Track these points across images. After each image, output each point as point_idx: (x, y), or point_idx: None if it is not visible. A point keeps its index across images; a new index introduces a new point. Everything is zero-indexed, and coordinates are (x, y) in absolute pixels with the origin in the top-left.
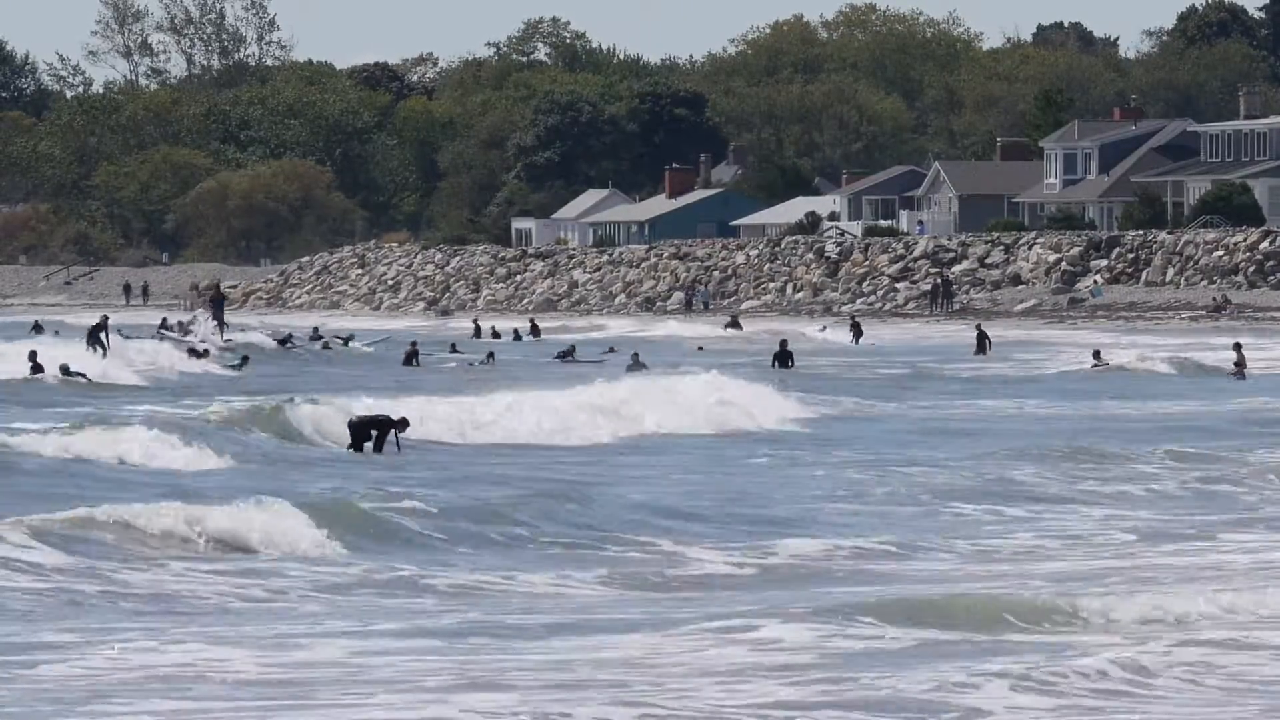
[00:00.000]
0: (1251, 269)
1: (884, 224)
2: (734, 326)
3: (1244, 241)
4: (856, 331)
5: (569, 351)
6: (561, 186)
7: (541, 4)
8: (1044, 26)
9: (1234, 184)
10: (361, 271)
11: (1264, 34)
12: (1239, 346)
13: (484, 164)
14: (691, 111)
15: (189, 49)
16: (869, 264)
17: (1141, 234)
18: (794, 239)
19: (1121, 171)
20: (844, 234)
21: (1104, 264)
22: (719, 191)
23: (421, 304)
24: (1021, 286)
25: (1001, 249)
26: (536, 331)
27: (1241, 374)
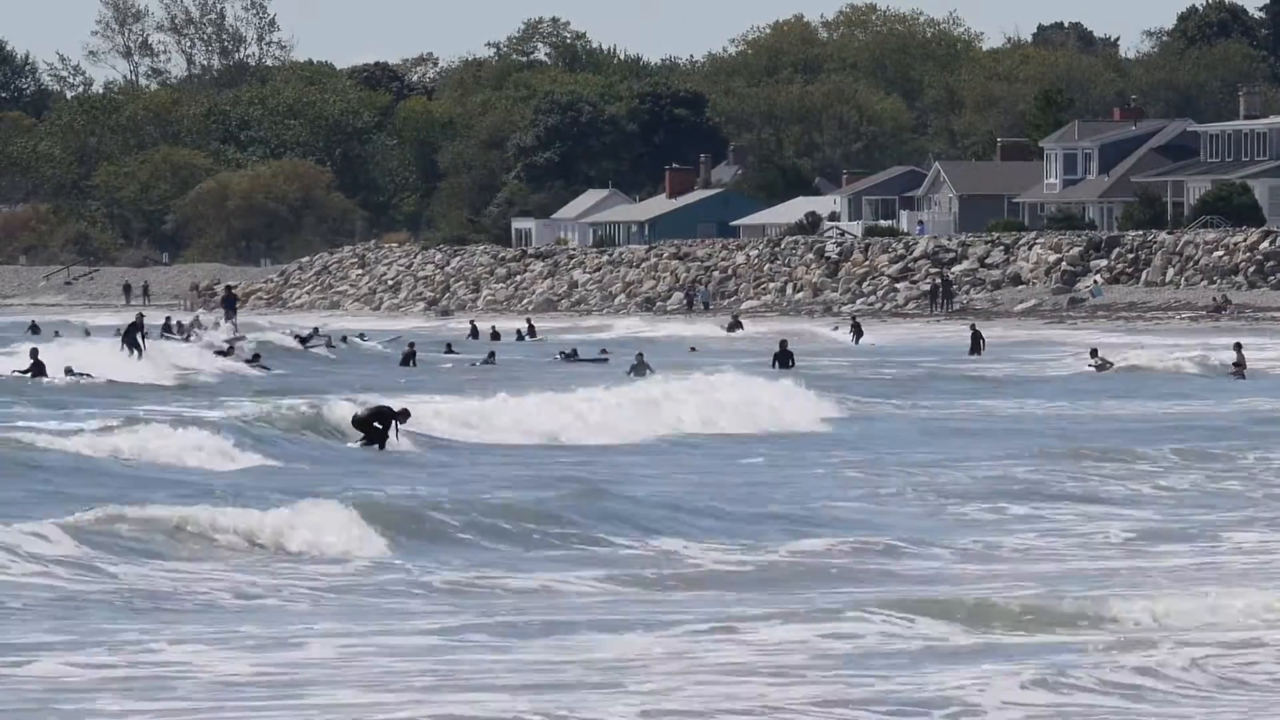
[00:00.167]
0: (1251, 269)
1: (884, 224)
2: (736, 327)
3: (1244, 242)
4: (857, 331)
5: (572, 353)
6: (561, 186)
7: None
8: (1044, 26)
9: (1234, 184)
10: (361, 272)
11: (1264, 34)
12: (1239, 346)
13: (484, 164)
14: (691, 111)
15: (189, 49)
16: (869, 264)
17: (1141, 234)
18: (794, 239)
19: (1121, 171)
20: (844, 234)
21: (1104, 264)
22: (719, 191)
23: (421, 304)
24: (1021, 287)
25: (1001, 249)
26: (533, 332)
27: (1241, 374)
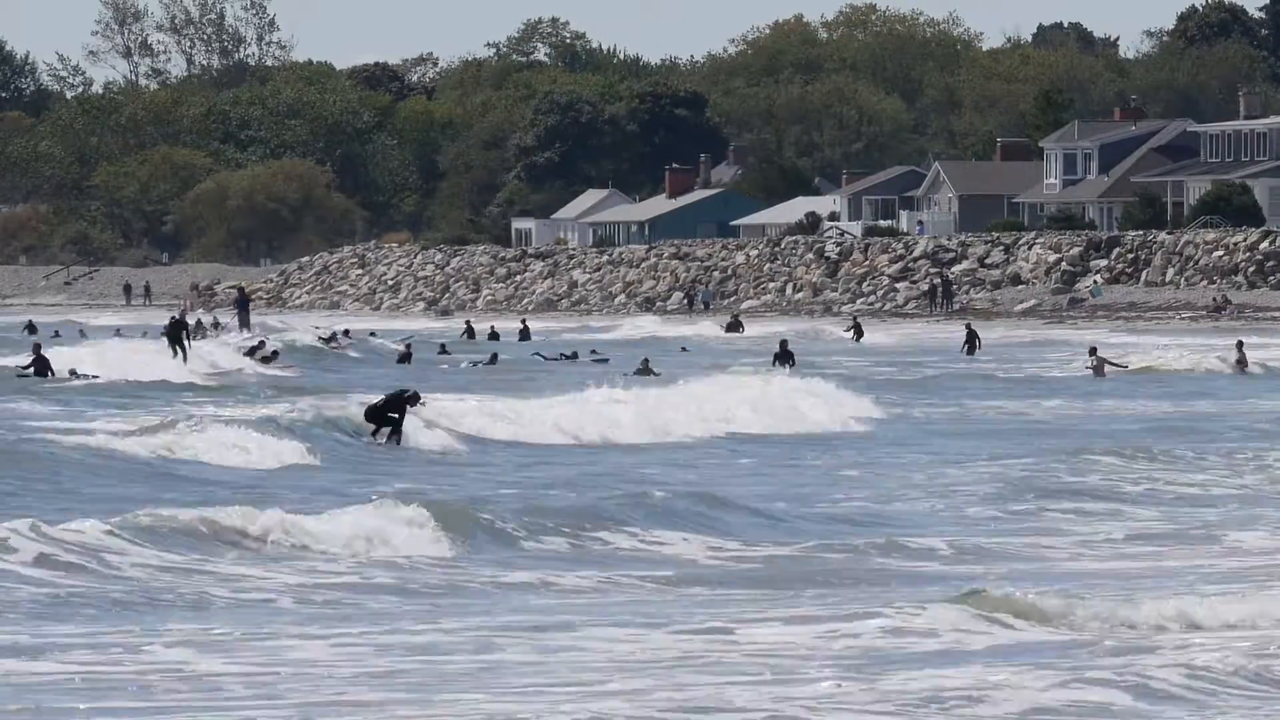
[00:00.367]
0: (1251, 269)
1: (884, 224)
2: (735, 328)
3: (1244, 241)
4: (857, 331)
5: (573, 355)
6: (561, 186)
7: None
8: (1044, 27)
9: (1234, 184)
10: (361, 272)
11: (1264, 34)
12: (1241, 345)
13: (484, 164)
14: (691, 111)
15: (189, 49)
16: (869, 264)
17: (1141, 234)
18: (794, 239)
19: (1121, 171)
20: (844, 234)
21: (1104, 264)
22: (719, 191)
23: (421, 304)
24: (1021, 286)
25: (1001, 249)
26: (527, 334)
27: (1243, 372)
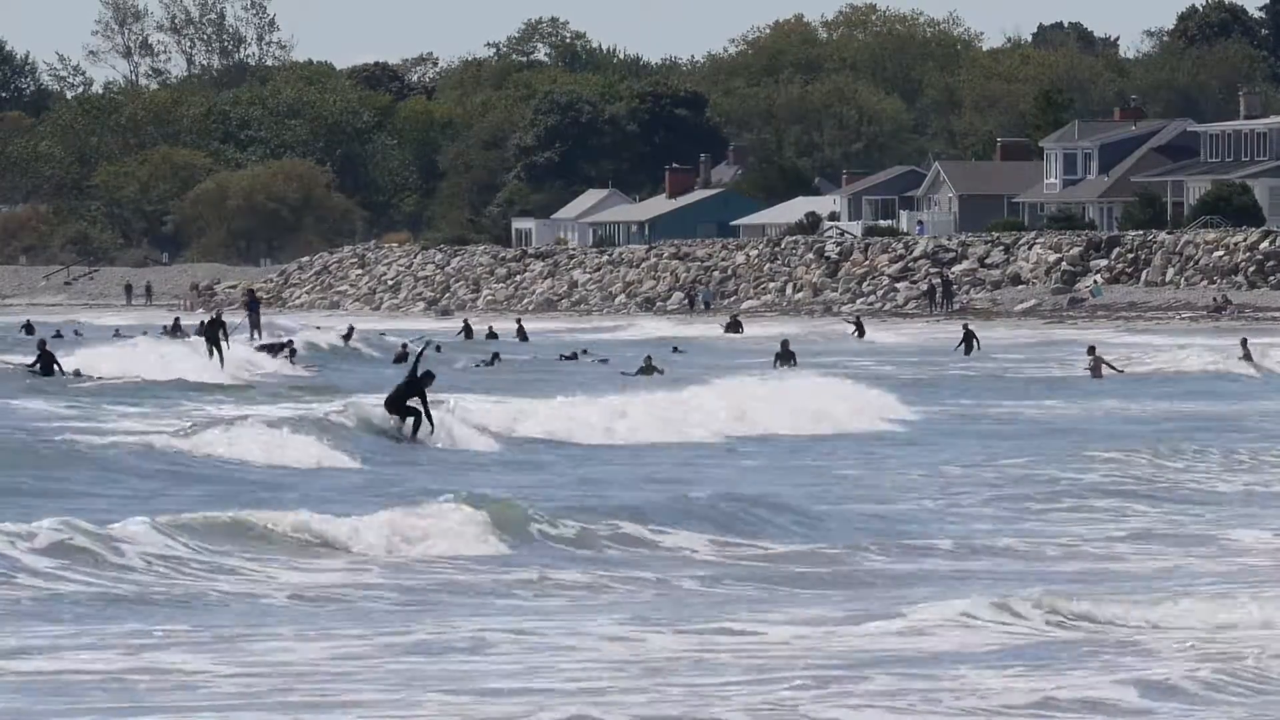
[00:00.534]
0: (1251, 269)
1: (884, 224)
2: (734, 328)
3: (1244, 241)
4: (859, 329)
5: (572, 356)
6: (561, 186)
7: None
8: (1044, 27)
9: (1234, 184)
10: (361, 272)
11: (1264, 34)
12: (1245, 342)
13: (484, 164)
14: (691, 111)
15: (189, 49)
16: (869, 264)
17: (1141, 234)
18: (794, 239)
19: (1121, 171)
20: (844, 234)
21: (1104, 264)
22: (719, 191)
23: (421, 304)
24: (1021, 286)
25: (1001, 249)
26: (524, 334)
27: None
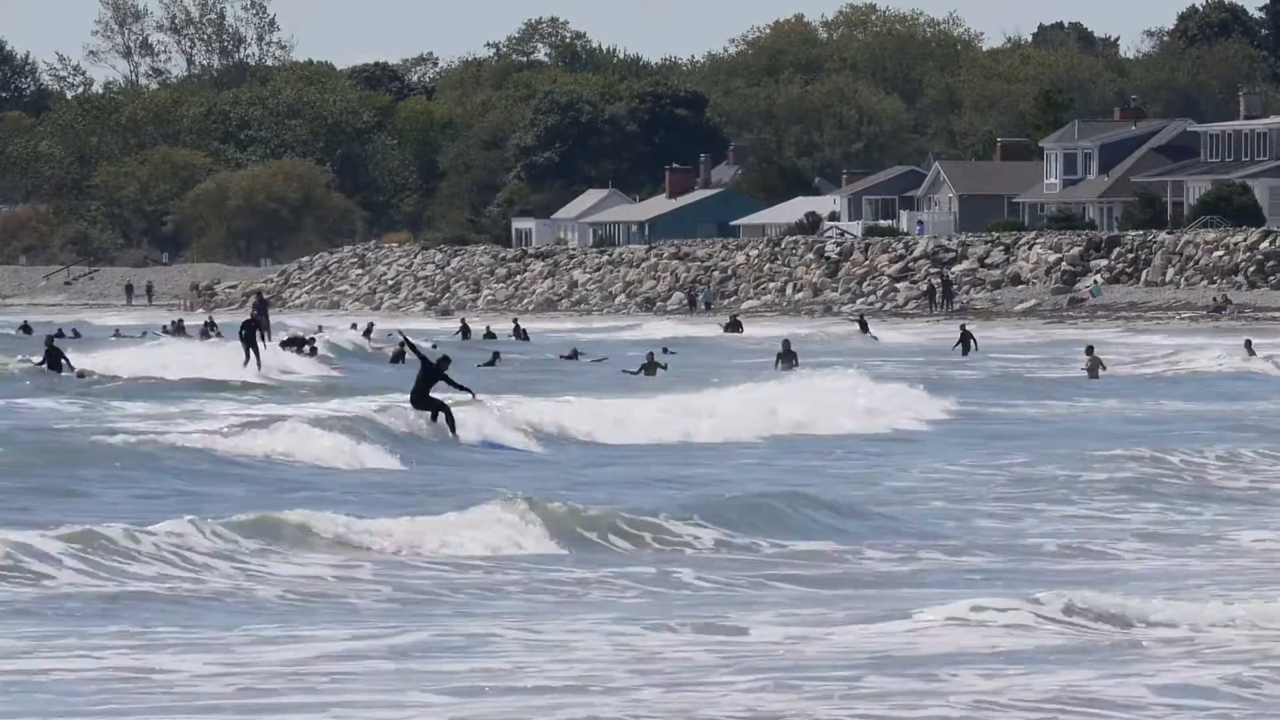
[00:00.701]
0: (1251, 269)
1: (884, 224)
2: (734, 328)
3: (1244, 241)
4: (863, 327)
5: (571, 355)
6: (561, 186)
7: (541, 4)
8: (1044, 27)
9: (1234, 184)
10: (361, 271)
11: (1264, 34)
12: (1249, 343)
13: (484, 164)
14: (691, 111)
15: (189, 49)
16: (869, 264)
17: (1141, 234)
18: (794, 239)
19: (1121, 171)
20: (844, 234)
21: (1104, 264)
22: (719, 191)
23: (422, 304)
24: (1021, 286)
25: (1001, 249)
26: (522, 334)
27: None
